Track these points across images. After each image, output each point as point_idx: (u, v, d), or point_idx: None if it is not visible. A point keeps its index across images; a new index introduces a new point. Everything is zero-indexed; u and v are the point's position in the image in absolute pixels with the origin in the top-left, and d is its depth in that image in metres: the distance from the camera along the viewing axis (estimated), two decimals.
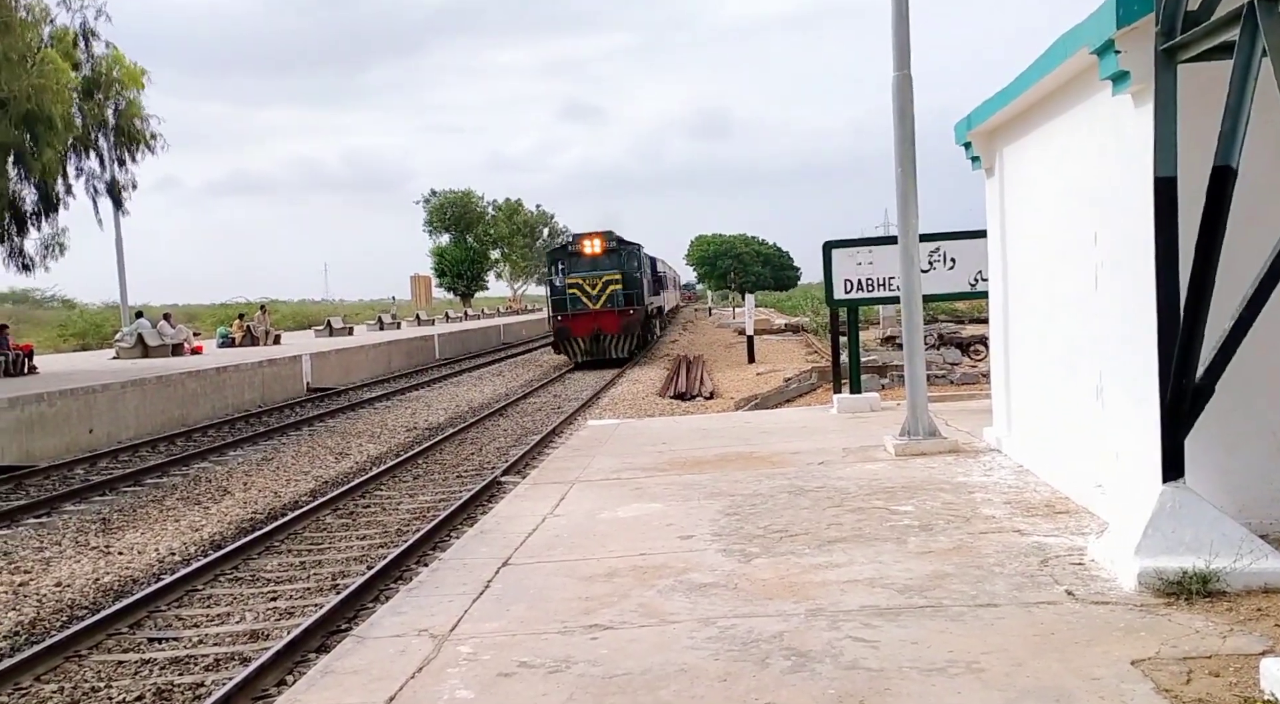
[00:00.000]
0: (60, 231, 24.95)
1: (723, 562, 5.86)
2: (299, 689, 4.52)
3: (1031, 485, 7.38)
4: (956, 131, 9.38)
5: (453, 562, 6.47)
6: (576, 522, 7.23)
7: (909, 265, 9.30)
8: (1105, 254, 6.18)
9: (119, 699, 6.13)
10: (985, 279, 10.23)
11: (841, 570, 5.53)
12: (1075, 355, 6.88)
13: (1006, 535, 6.03)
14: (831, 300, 12.66)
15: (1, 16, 19.88)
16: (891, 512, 6.83)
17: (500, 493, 11.06)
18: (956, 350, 21.63)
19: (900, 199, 9.31)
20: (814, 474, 8.37)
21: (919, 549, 5.85)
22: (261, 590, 8.35)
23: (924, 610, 4.78)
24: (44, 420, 17.04)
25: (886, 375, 18.33)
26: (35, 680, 6.44)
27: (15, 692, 6.28)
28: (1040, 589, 4.99)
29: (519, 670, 4.39)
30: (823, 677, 4.06)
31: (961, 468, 8.25)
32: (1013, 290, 8.64)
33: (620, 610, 5.10)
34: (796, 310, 57.08)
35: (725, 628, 4.72)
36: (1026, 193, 8.13)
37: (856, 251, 12.39)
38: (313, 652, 6.57)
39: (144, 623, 7.62)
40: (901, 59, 9.06)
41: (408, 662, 4.60)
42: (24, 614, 8.06)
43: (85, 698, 6.18)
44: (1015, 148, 8.26)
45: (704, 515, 7.07)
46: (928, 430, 9.15)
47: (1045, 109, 7.27)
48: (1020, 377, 8.52)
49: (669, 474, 8.87)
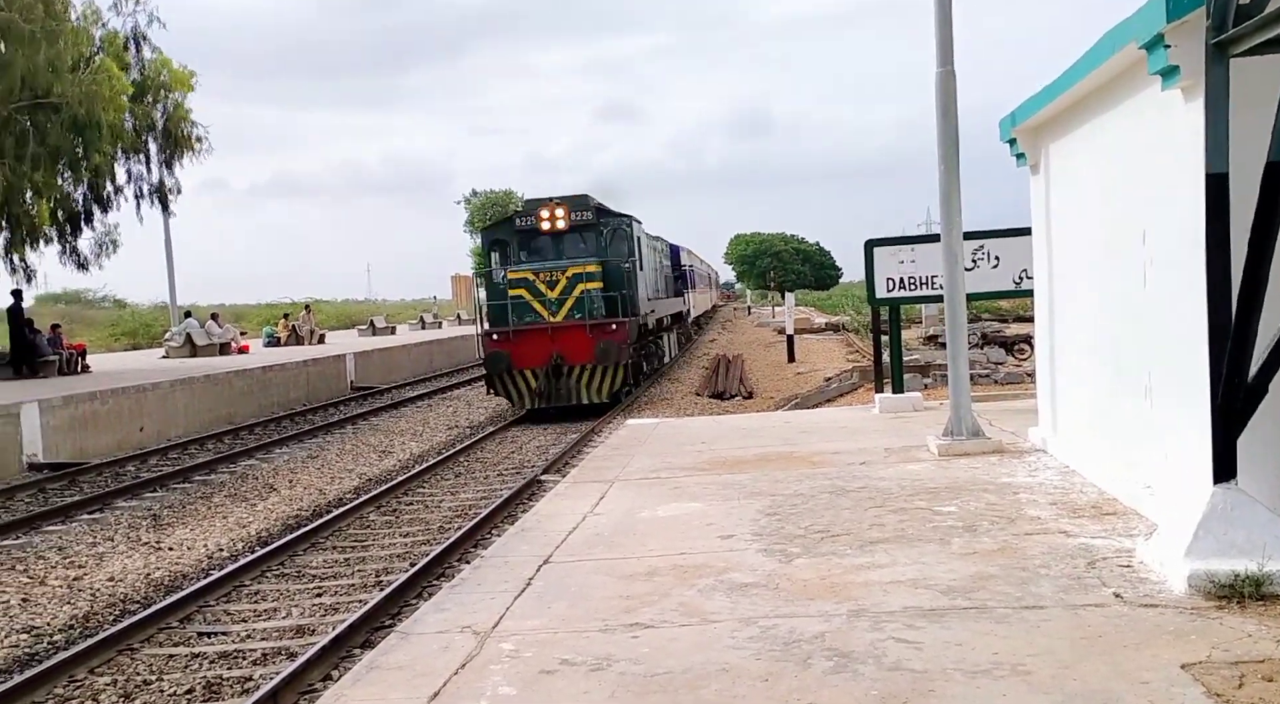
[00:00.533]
0: (112, 228, 25.51)
1: (763, 561, 5.85)
2: (344, 684, 4.58)
3: (1078, 486, 7.28)
4: (1001, 128, 9.27)
5: (494, 559, 6.52)
6: (616, 520, 7.25)
7: (952, 264, 9.20)
8: (1155, 251, 6.08)
9: (170, 692, 6.25)
10: (1030, 277, 10.11)
11: (884, 571, 5.49)
12: (1123, 354, 6.77)
13: (1052, 537, 5.95)
14: (873, 299, 12.56)
15: (48, 25, 20.33)
16: (934, 512, 6.77)
17: (540, 491, 11.12)
18: (1000, 349, 21.36)
19: (943, 197, 9.23)
20: (855, 474, 8.32)
21: (963, 550, 5.80)
22: (307, 586, 8.47)
23: (968, 612, 4.73)
24: (96, 418, 17.42)
25: (929, 375, 18.15)
26: (89, 673, 6.59)
27: (71, 683, 6.44)
28: (1087, 591, 4.92)
29: (561, 668, 4.42)
30: (865, 678, 4.04)
31: (1006, 468, 8.15)
32: (1058, 289, 8.53)
33: (661, 609, 5.11)
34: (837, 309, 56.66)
35: (766, 628, 4.71)
36: (1073, 190, 8.02)
37: (899, 250, 12.29)
38: (357, 647, 6.65)
39: (193, 617, 7.76)
40: (944, 55, 8.97)
41: (451, 658, 4.64)
42: (78, 608, 8.25)
43: (137, 690, 6.31)
44: (1061, 144, 8.15)
45: (744, 515, 7.05)
46: (971, 430, 9.06)
47: (1092, 105, 7.16)
48: (1066, 376, 8.40)
49: (709, 473, 8.86)
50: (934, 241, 11.22)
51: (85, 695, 6.26)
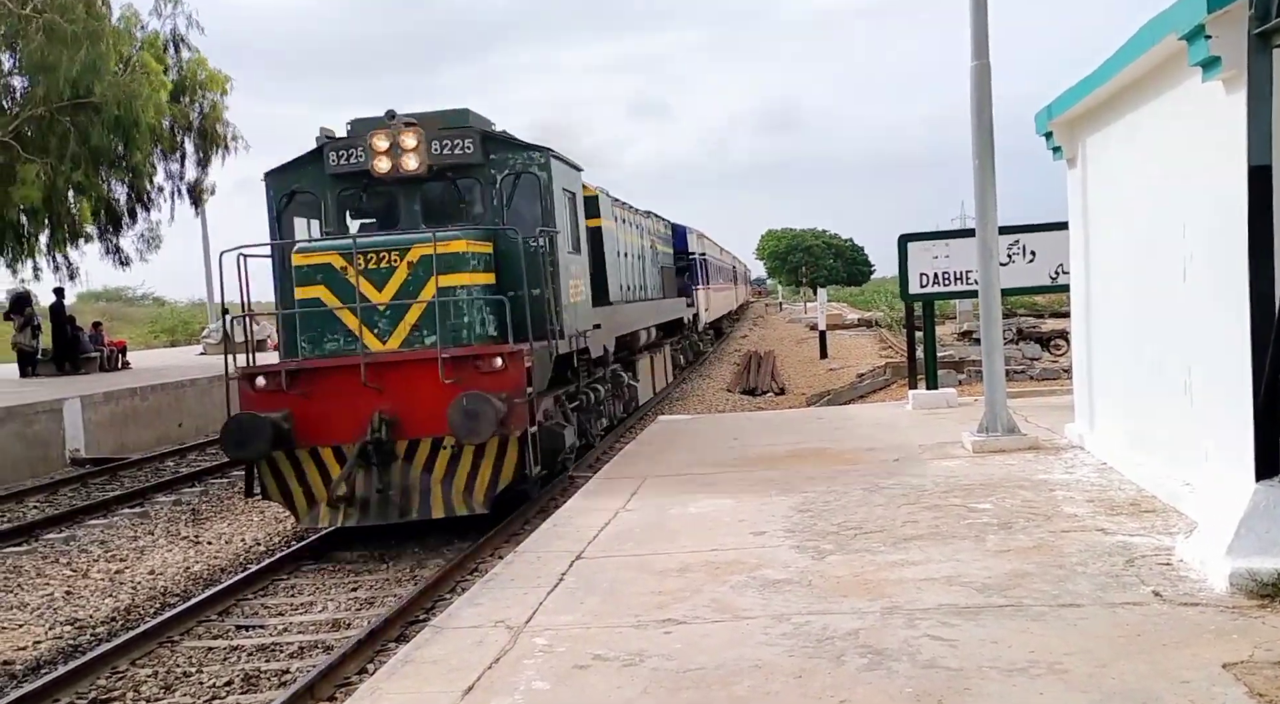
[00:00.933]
0: (155, 226, 25.88)
1: (796, 558, 5.84)
2: (380, 677, 4.64)
3: (1116, 483, 7.19)
4: (1037, 121, 9.17)
5: (527, 555, 6.56)
6: (648, 516, 7.26)
7: (987, 258, 9.12)
8: (1194, 245, 5.99)
9: (209, 684, 6.34)
10: (1067, 272, 10.00)
11: (918, 568, 5.46)
12: (1162, 350, 6.68)
13: (1090, 534, 5.88)
14: (907, 294, 12.49)
15: (89, 26, 20.63)
16: (969, 509, 6.72)
17: (572, 487, 11.16)
18: (1036, 345, 21.13)
19: (978, 191, 9.14)
20: (889, 471, 8.27)
21: (998, 547, 5.75)
22: (342, 581, 8.56)
23: (1004, 610, 4.70)
24: (137, 414, 17.70)
25: (963, 371, 17.99)
26: (131, 664, 6.70)
27: (113, 675, 6.55)
28: (1126, 589, 4.86)
29: (593, 663, 4.44)
30: (900, 675, 4.02)
31: (1042, 465, 8.07)
32: (1095, 284, 8.42)
33: (693, 605, 5.12)
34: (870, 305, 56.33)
35: (799, 625, 4.70)
36: (1111, 183, 7.91)
37: (933, 245, 12.21)
38: (392, 641, 6.71)
39: (232, 611, 7.87)
40: (979, 48, 8.88)
41: (485, 652, 4.68)
42: (120, 600, 8.39)
43: (178, 682, 6.41)
44: (1099, 137, 8.04)
45: (776, 511, 7.04)
46: (1006, 427, 8.98)
47: (1131, 97, 7.06)
48: (1103, 372, 8.30)
49: (740, 470, 8.85)
50: (968, 236, 11.14)
51: (127, 687, 6.37)
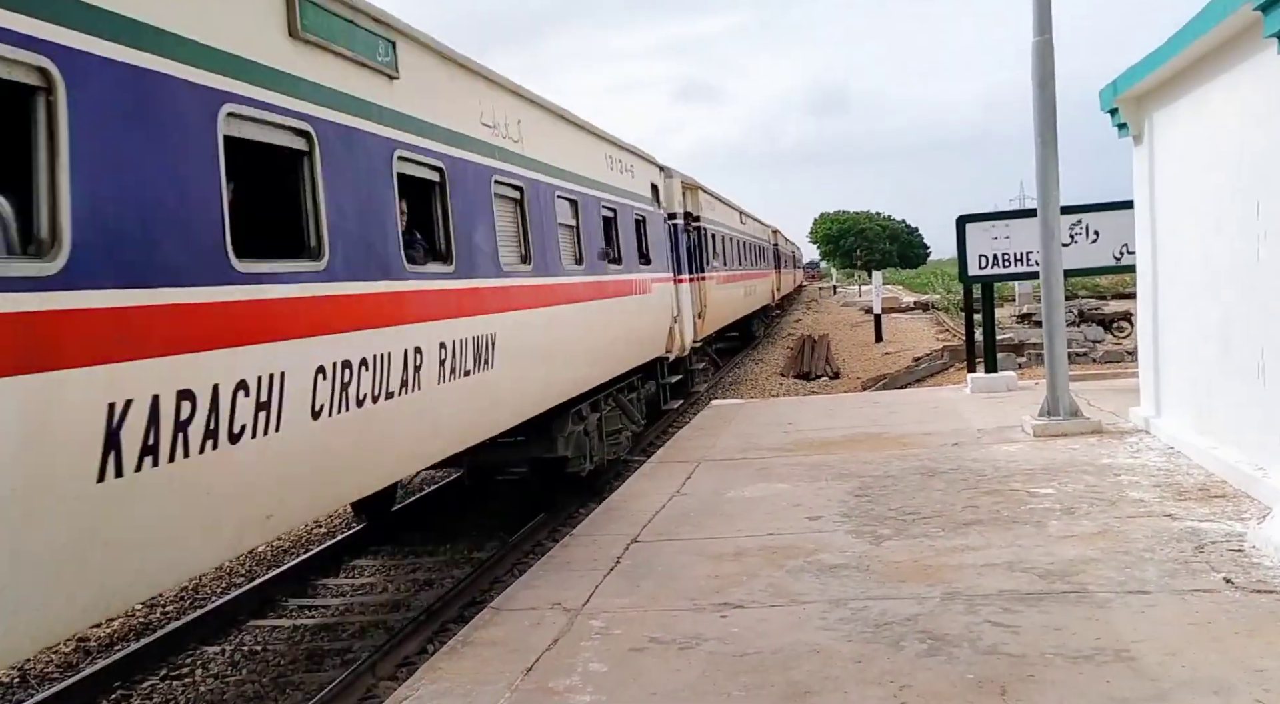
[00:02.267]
0: None
1: (853, 543, 5.79)
2: (440, 657, 4.70)
3: (1183, 468, 7.01)
4: (1101, 97, 8.93)
5: (582, 538, 6.60)
6: (703, 500, 7.26)
7: (1049, 239, 8.93)
8: (1269, 224, 5.79)
9: (274, 662, 6.49)
10: (1131, 252, 9.77)
11: (978, 553, 5.38)
12: (1234, 332, 6.48)
13: (1156, 520, 5.75)
14: (965, 277, 12.30)
15: None
16: (1030, 494, 6.61)
17: (627, 471, 11.19)
18: (1099, 327, 20.68)
19: (1039, 170, 8.94)
20: (947, 455, 8.16)
21: (1061, 533, 5.65)
22: (401, 562, 8.69)
23: (1067, 596, 4.61)
24: None
25: (1023, 354, 17.69)
26: (200, 643, 6.88)
27: (182, 652, 6.73)
28: (1195, 576, 4.74)
29: (650, 646, 4.45)
30: (960, 661, 3.97)
31: (1106, 449, 7.90)
32: (1162, 264, 8.20)
33: (750, 589, 5.10)
34: (926, 288, 55.59)
35: (857, 609, 4.66)
36: (1179, 160, 7.69)
37: (992, 226, 12.01)
38: (451, 621, 6.80)
39: (296, 591, 8.03)
40: (1042, 23, 8.67)
41: (543, 634, 4.72)
42: (189, 582, 8.62)
43: (245, 660, 6.57)
44: (1166, 113, 7.81)
45: (832, 496, 6.99)
46: (1069, 410, 8.81)
47: (1201, 71, 6.84)
48: (1171, 354, 8.09)
49: (795, 454, 8.80)
50: (1029, 217, 10.93)
51: (196, 664, 6.55)
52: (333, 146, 4.96)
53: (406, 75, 5.81)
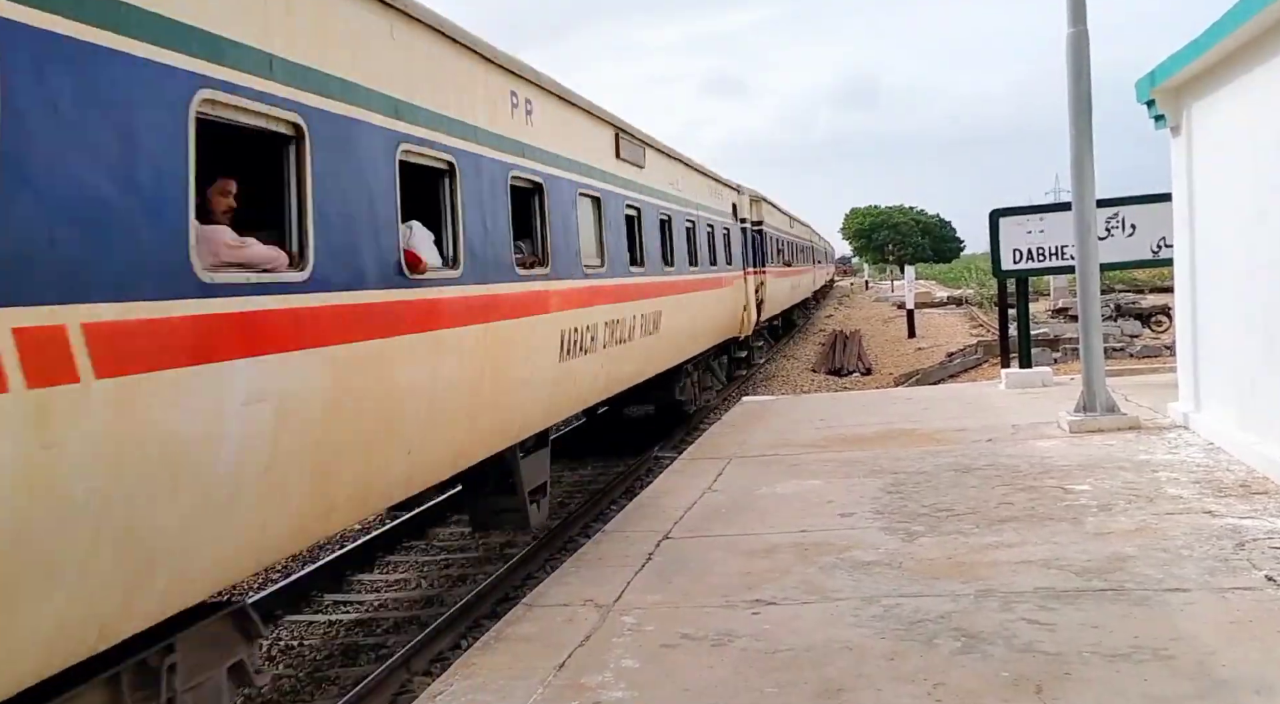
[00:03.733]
0: None
1: (885, 540, 5.76)
2: (473, 652, 4.73)
3: (1224, 464, 6.90)
4: (1138, 88, 8.80)
5: (614, 534, 6.61)
6: (734, 497, 7.24)
7: (1085, 233, 8.82)
8: None
9: (310, 658, 6.56)
10: (1169, 245, 9.62)
11: (1013, 551, 5.33)
12: (1277, 325, 6.37)
13: (1196, 517, 5.66)
14: (999, 271, 12.18)
15: None
16: (1066, 491, 6.54)
17: (657, 467, 11.19)
18: (1136, 321, 20.42)
19: (1075, 163, 8.83)
20: (981, 451, 8.09)
21: (1097, 530, 5.58)
22: (435, 558, 8.75)
23: (1104, 594, 4.56)
24: None
25: (1059, 349, 17.49)
26: None
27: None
28: (1235, 574, 4.67)
29: (682, 642, 4.46)
30: (995, 659, 3.94)
31: (1143, 445, 7.79)
32: (1202, 257, 8.07)
33: (782, 586, 5.09)
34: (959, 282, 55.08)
35: (890, 607, 4.63)
36: (1219, 151, 7.56)
37: (1026, 219, 11.87)
38: (485, 617, 6.84)
39: (332, 587, 8.12)
40: (1077, 14, 8.55)
41: (575, 630, 4.73)
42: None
43: (281, 655, 6.65)
44: (1205, 103, 7.68)
45: (865, 493, 6.95)
46: (1105, 406, 8.70)
47: (1243, 60, 6.72)
48: (1211, 348, 7.96)
49: (827, 450, 8.76)
50: (1064, 210, 10.79)
51: None
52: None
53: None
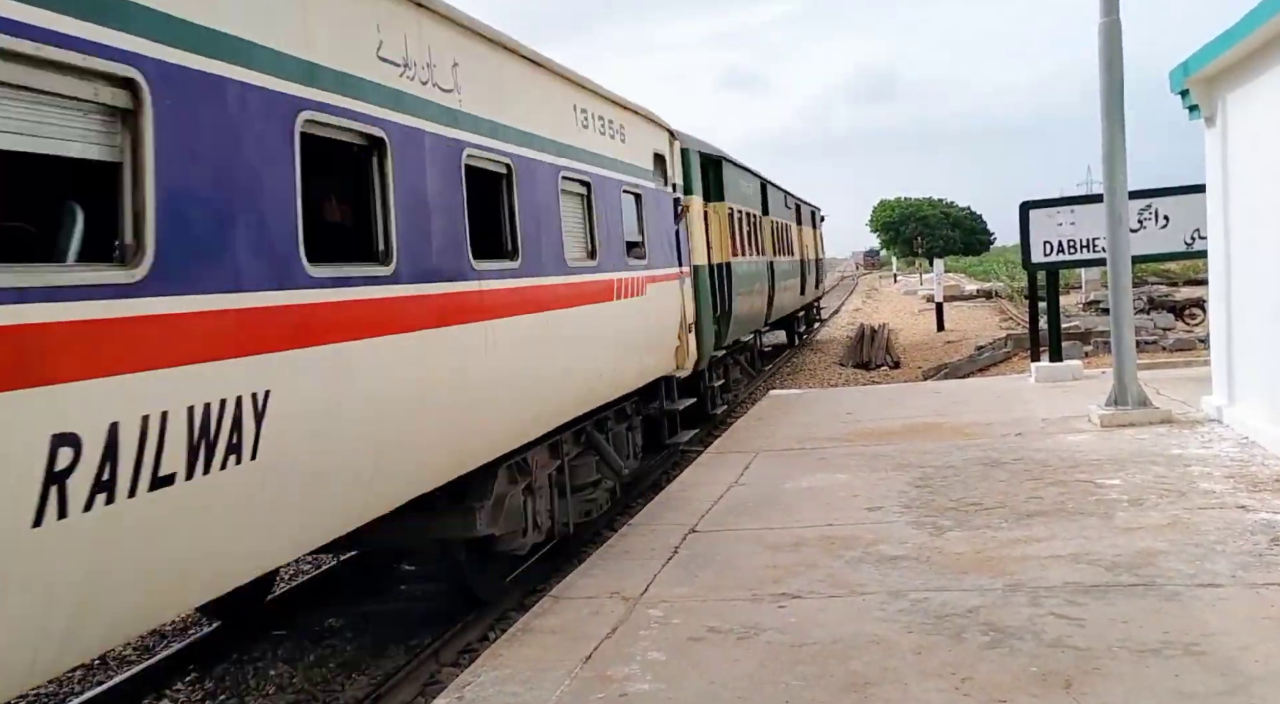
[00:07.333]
0: None
1: (913, 534, 5.74)
2: (501, 644, 4.77)
3: (1258, 458, 6.81)
4: (1172, 79, 8.68)
5: (640, 527, 6.63)
6: (761, 491, 7.24)
7: (1116, 225, 8.72)
8: None
9: (341, 649, 6.64)
10: (1203, 237, 9.50)
11: (1041, 545, 5.30)
12: None
13: (1229, 511, 5.60)
14: (1029, 264, 12.08)
15: None
16: (1097, 485, 6.48)
17: (684, 461, 11.20)
18: (1169, 314, 20.13)
19: (1106, 154, 8.73)
20: (1010, 445, 8.03)
21: (1128, 524, 5.53)
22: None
23: (1134, 589, 4.52)
24: None
25: (1089, 342, 17.27)
26: (270, 629, 7.06)
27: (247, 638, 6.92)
28: (1270, 569, 4.62)
29: (708, 635, 4.47)
30: (1023, 653, 3.92)
31: (1175, 439, 7.71)
32: (1237, 249, 7.96)
33: (808, 580, 5.09)
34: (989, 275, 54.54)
35: (917, 601, 4.62)
36: (1254, 142, 7.45)
37: (1057, 212, 11.76)
38: (512, 609, 6.88)
39: (357, 580, 8.19)
40: (1109, 3, 8.45)
41: (601, 623, 4.75)
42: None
43: (312, 646, 6.73)
44: (1241, 94, 7.57)
45: (892, 487, 6.93)
46: (1137, 399, 8.60)
47: (1278, 49, 6.61)
48: (1245, 342, 7.85)
49: (854, 444, 8.73)
50: (1095, 202, 10.68)
51: (267, 649, 6.73)
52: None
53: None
